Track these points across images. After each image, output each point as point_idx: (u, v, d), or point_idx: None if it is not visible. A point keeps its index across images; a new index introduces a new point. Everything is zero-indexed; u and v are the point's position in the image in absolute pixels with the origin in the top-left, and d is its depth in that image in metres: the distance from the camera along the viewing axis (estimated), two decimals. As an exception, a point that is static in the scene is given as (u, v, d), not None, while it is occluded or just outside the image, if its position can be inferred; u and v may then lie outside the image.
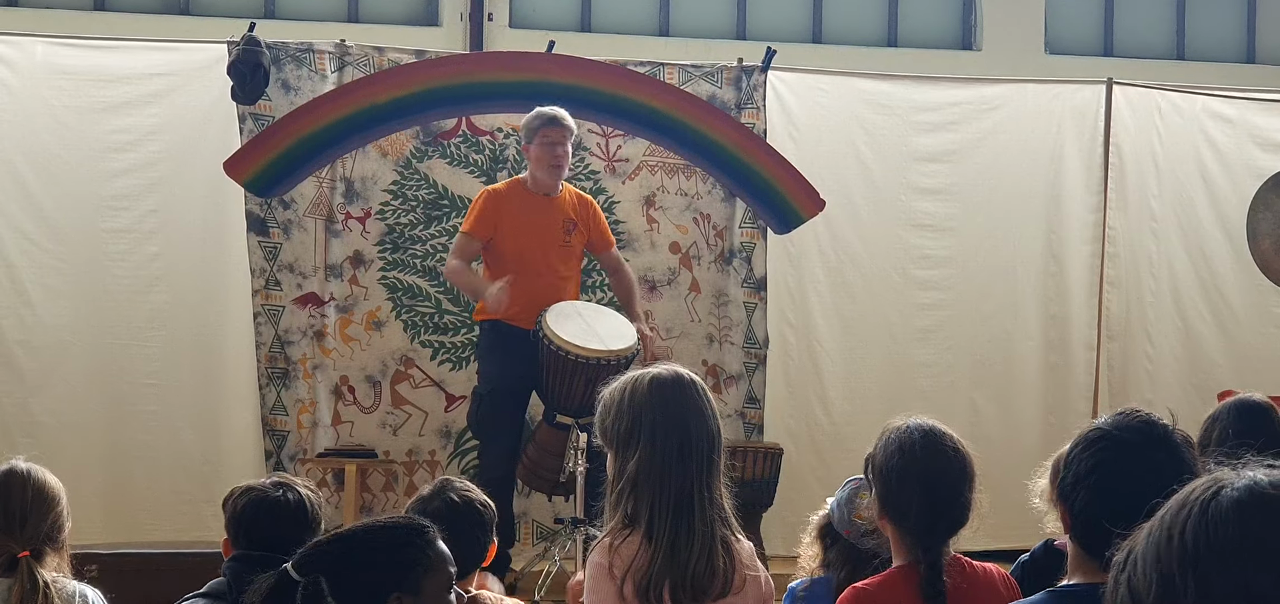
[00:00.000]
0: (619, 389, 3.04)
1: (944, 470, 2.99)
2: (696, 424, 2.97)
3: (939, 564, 2.93)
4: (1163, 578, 1.32)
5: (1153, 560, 1.33)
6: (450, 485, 3.41)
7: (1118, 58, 11.43)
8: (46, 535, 3.31)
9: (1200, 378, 7.96)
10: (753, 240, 7.47)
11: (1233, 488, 1.33)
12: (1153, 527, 1.37)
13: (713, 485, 2.97)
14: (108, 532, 6.63)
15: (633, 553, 2.90)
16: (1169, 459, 2.34)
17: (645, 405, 2.98)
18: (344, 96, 6.84)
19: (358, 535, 2.56)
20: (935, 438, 3.01)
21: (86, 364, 7.23)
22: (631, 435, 2.97)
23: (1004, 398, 7.91)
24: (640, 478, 2.94)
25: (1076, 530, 2.42)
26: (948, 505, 2.98)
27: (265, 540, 3.29)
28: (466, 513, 3.34)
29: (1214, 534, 1.30)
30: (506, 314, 6.27)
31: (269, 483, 3.40)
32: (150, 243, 7.28)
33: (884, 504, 3.03)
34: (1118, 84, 8.08)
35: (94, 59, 7.39)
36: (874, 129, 7.84)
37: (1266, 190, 7.91)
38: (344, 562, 2.44)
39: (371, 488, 7.16)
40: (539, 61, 7.10)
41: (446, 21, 10.80)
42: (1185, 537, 1.32)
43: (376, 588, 2.42)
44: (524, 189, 6.48)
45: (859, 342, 7.80)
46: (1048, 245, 7.99)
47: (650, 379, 3.02)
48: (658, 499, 2.92)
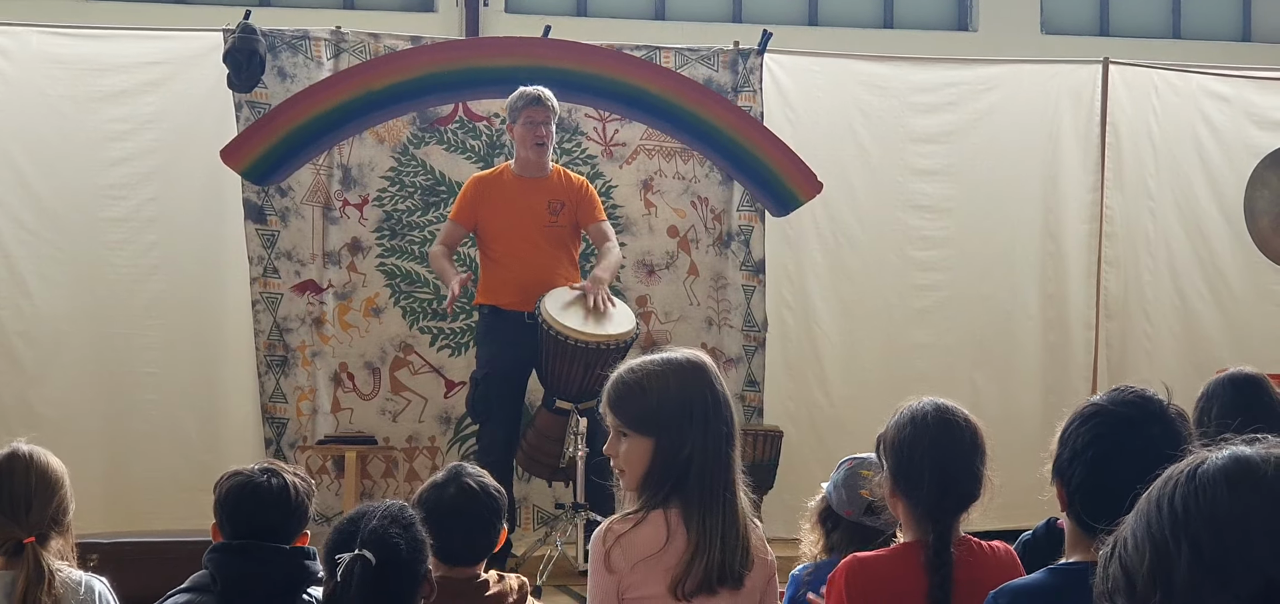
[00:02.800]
0: (652, 372, 2.91)
1: (956, 441, 2.99)
2: (729, 410, 2.93)
3: (947, 538, 2.93)
4: (1156, 547, 1.32)
5: (1144, 533, 1.34)
6: (464, 472, 3.39)
7: (1114, 37, 11.45)
8: (52, 520, 3.29)
9: (1199, 356, 7.96)
10: (751, 223, 7.48)
11: (1217, 458, 1.34)
12: (1140, 506, 1.38)
13: (738, 471, 2.94)
14: (108, 520, 6.62)
15: (649, 540, 2.83)
16: (1164, 434, 2.35)
17: (684, 389, 2.88)
18: (340, 83, 6.83)
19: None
20: (947, 410, 3.03)
21: (85, 354, 7.23)
22: (681, 421, 2.86)
23: (1003, 378, 7.92)
24: (690, 462, 2.85)
25: (1073, 507, 2.43)
26: (959, 476, 2.97)
27: (250, 525, 3.27)
28: (481, 499, 3.33)
29: (1203, 498, 1.31)
30: (499, 298, 6.34)
31: (256, 469, 3.36)
32: (148, 232, 7.28)
33: (896, 478, 3.01)
34: (1114, 63, 8.08)
35: (90, 48, 7.38)
36: (871, 111, 7.84)
37: (1264, 168, 7.92)
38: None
39: (371, 474, 7.17)
40: (535, 46, 7.10)
41: (442, 7, 10.80)
42: (1175, 503, 1.33)
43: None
44: (511, 172, 6.51)
45: (858, 323, 7.81)
46: (1045, 225, 8.00)
47: (689, 363, 2.93)
48: (700, 485, 2.85)
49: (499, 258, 6.47)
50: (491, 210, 6.47)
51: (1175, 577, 1.30)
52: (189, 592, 3.26)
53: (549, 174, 6.52)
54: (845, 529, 3.47)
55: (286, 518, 3.30)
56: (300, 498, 3.33)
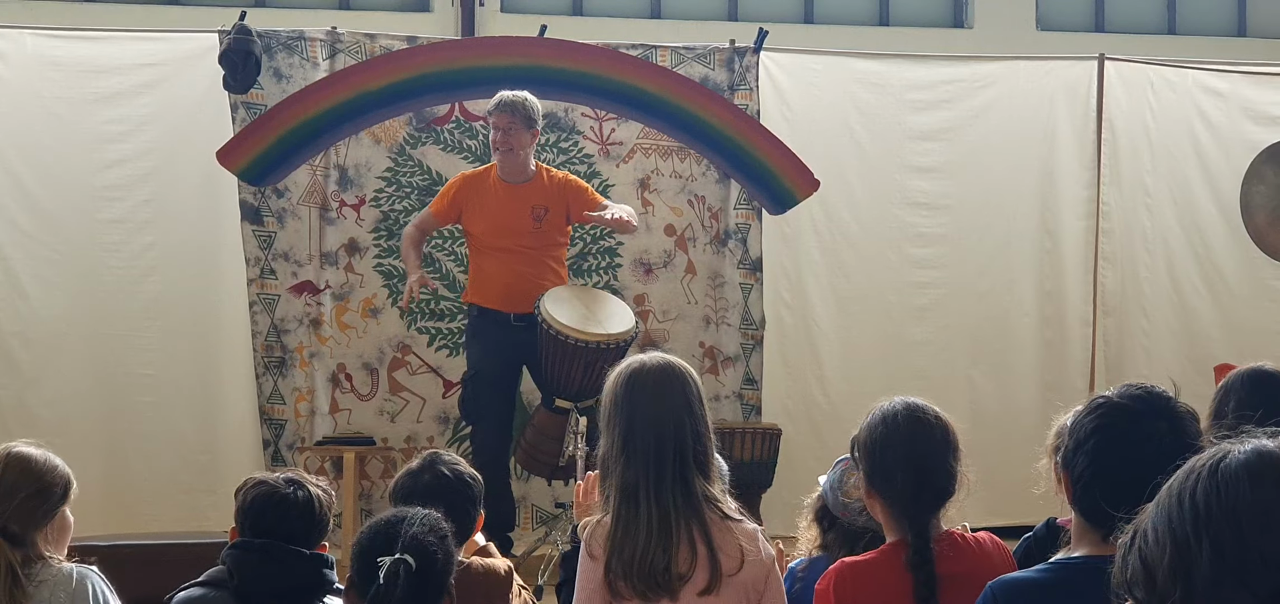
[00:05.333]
0: (611, 374, 3.14)
1: (926, 439, 3.02)
2: (644, 418, 3.02)
3: (926, 535, 2.96)
4: (1176, 543, 1.32)
5: (1165, 528, 1.33)
6: (439, 459, 3.44)
7: (1109, 33, 11.45)
8: (21, 514, 3.27)
9: (1196, 352, 7.97)
10: (748, 221, 7.47)
11: (1239, 452, 1.33)
12: (1161, 498, 1.37)
13: (669, 478, 2.99)
14: (106, 523, 6.61)
15: (604, 534, 3.00)
16: (1171, 429, 2.35)
17: (612, 394, 3.08)
18: (336, 84, 6.82)
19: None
20: (917, 409, 3.06)
21: (82, 355, 7.22)
22: (603, 420, 3.10)
23: (1001, 375, 7.92)
24: (606, 464, 3.06)
25: (1078, 500, 2.43)
26: (932, 474, 3.00)
27: (270, 535, 3.26)
28: (455, 486, 3.37)
29: (1225, 495, 1.30)
30: (485, 298, 6.38)
31: (282, 479, 3.36)
32: (145, 233, 7.27)
33: (870, 479, 3.06)
34: (1110, 59, 8.08)
35: (85, 50, 7.37)
36: (867, 108, 7.85)
37: (1260, 163, 7.92)
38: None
39: (370, 475, 7.16)
40: (531, 46, 7.08)
41: (438, 7, 10.79)
42: (1196, 499, 1.32)
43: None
44: (496, 176, 6.50)
45: (855, 321, 7.81)
46: (1042, 222, 8.00)
47: (624, 369, 3.11)
48: (615, 486, 3.02)
49: (484, 259, 6.48)
50: (475, 213, 6.47)
51: (1196, 573, 1.29)
52: (203, 586, 3.26)
53: (532, 178, 6.50)
54: (840, 529, 3.49)
55: (309, 530, 3.29)
56: (323, 510, 3.34)
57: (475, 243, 6.51)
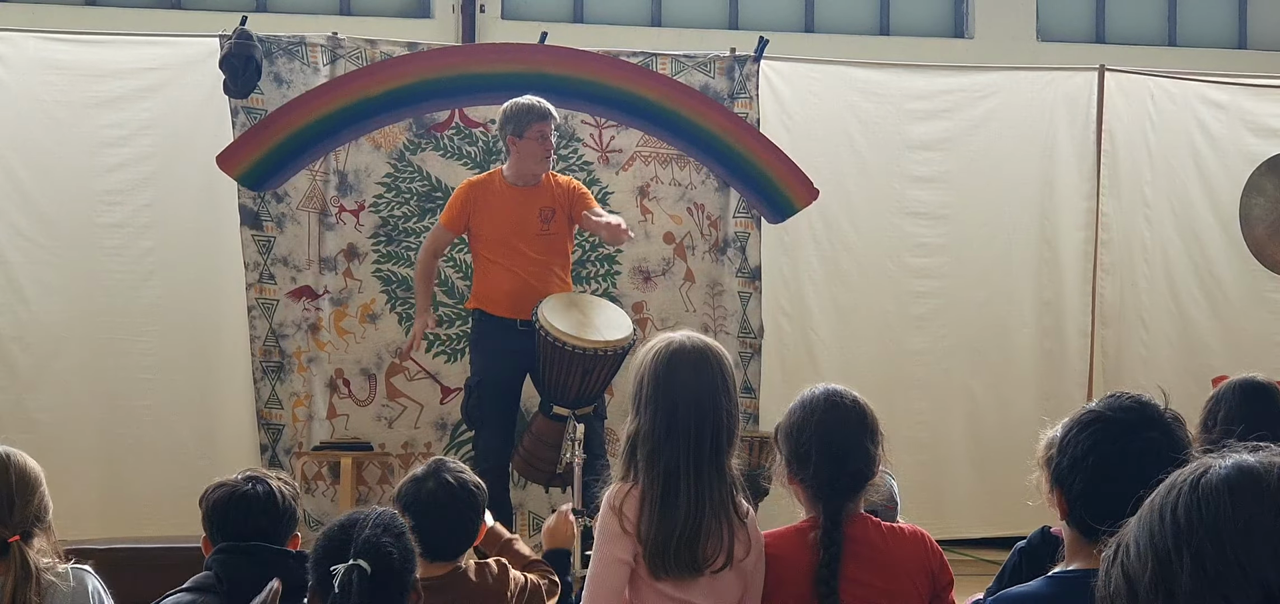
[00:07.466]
0: (643, 351, 3.12)
1: (843, 422, 3.07)
2: (687, 402, 3.01)
3: (838, 516, 3.00)
4: (1158, 558, 1.32)
5: (1146, 542, 1.34)
6: (444, 466, 3.44)
7: (1109, 44, 11.43)
8: (35, 517, 3.30)
9: (1195, 363, 7.97)
10: (747, 230, 7.47)
11: (1221, 466, 1.34)
12: (1142, 512, 1.37)
13: (707, 461, 3.00)
14: (103, 526, 6.61)
15: (635, 508, 2.98)
16: (1163, 438, 2.35)
17: (652, 372, 3.04)
18: (337, 89, 6.82)
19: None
20: (835, 392, 3.13)
21: (81, 359, 7.22)
22: (636, 400, 3.05)
23: (999, 385, 7.92)
24: (638, 443, 3.02)
25: (1074, 515, 2.43)
26: (847, 455, 3.04)
27: (239, 534, 3.30)
28: (460, 494, 3.36)
29: (1206, 509, 1.31)
30: (491, 304, 6.35)
31: (239, 477, 3.40)
32: (144, 237, 7.28)
33: (789, 463, 3.11)
34: (1110, 71, 8.09)
35: (86, 54, 7.38)
36: (867, 118, 7.85)
37: (1259, 175, 7.92)
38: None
39: (367, 481, 7.16)
40: (531, 53, 7.09)
41: (438, 13, 10.78)
42: (1177, 514, 1.32)
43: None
44: (503, 180, 6.48)
45: (854, 330, 7.81)
46: (1041, 232, 8.01)
47: (664, 347, 3.07)
48: (655, 467, 2.99)
49: (490, 265, 6.44)
50: (483, 218, 6.45)
51: (1177, 587, 1.30)
52: (190, 592, 3.27)
53: (540, 181, 6.51)
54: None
55: (276, 523, 3.32)
56: (287, 501, 3.36)
57: (482, 248, 6.47)
